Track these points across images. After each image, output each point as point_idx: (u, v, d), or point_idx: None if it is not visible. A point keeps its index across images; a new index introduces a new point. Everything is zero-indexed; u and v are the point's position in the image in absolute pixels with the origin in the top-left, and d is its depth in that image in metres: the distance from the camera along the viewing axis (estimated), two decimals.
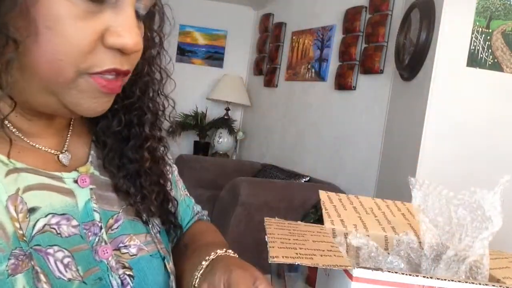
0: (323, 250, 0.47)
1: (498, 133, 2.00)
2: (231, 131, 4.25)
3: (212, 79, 4.44)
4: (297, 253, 0.45)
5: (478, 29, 1.96)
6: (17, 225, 0.46)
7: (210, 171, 3.53)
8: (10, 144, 0.48)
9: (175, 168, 0.75)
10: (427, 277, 0.42)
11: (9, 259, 0.44)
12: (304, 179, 2.98)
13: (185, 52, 4.50)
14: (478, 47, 1.96)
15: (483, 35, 1.96)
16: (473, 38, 1.96)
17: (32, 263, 0.46)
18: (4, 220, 0.46)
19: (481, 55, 1.96)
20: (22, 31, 0.42)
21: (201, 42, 4.52)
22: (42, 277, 0.46)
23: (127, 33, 0.45)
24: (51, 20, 0.42)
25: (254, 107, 4.30)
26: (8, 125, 0.50)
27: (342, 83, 2.97)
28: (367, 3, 2.82)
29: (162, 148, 0.65)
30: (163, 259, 0.60)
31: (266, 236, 0.50)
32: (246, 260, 0.57)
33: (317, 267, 0.52)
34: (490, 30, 1.96)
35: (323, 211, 0.65)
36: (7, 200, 0.46)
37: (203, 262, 0.56)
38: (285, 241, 0.49)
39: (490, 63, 1.97)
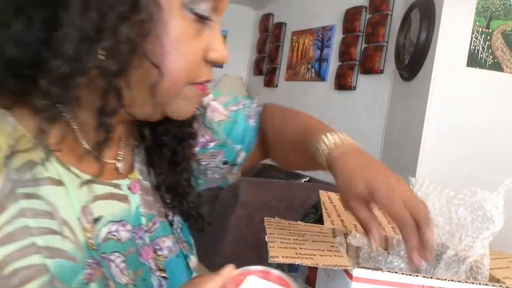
0: (323, 250, 0.47)
1: (498, 133, 2.00)
2: None
3: (212, 79, 4.44)
4: (297, 253, 0.45)
5: (478, 29, 1.96)
6: (88, 235, 0.48)
7: None
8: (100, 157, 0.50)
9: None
10: (427, 277, 0.42)
11: (84, 269, 0.47)
12: (304, 179, 2.98)
13: None
14: (478, 47, 1.96)
15: (483, 35, 1.96)
16: (473, 38, 1.96)
17: (102, 270, 0.48)
18: (77, 231, 0.47)
19: (481, 55, 1.96)
20: (154, 53, 0.46)
21: None
22: (110, 283, 0.48)
23: (223, 48, 0.51)
24: (175, 41, 0.46)
25: None
26: (80, 139, 0.51)
27: (342, 83, 2.97)
28: (367, 3, 2.82)
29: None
30: (185, 257, 0.62)
31: (266, 236, 0.50)
32: (246, 260, 0.57)
33: (317, 267, 0.52)
34: (490, 30, 1.96)
35: (323, 211, 0.65)
36: (80, 212, 0.48)
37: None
38: (285, 241, 0.49)
39: (490, 63, 1.97)
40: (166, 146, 0.61)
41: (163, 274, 0.57)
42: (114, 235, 0.51)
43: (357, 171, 0.53)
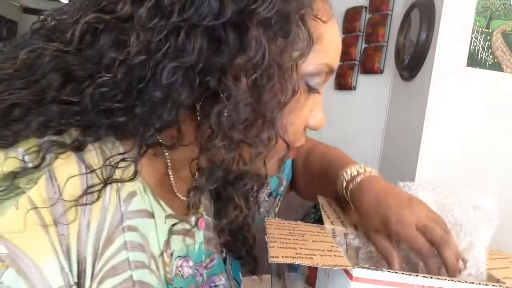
0: (323, 250, 0.47)
1: (498, 133, 2.00)
2: None
3: None
4: (297, 253, 0.45)
5: (478, 29, 1.96)
6: (167, 269, 0.49)
7: None
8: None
9: None
10: (427, 277, 0.42)
11: None
12: None
13: None
14: (478, 47, 1.96)
15: (483, 35, 1.96)
16: (473, 38, 1.96)
17: None
18: (160, 265, 0.48)
19: (481, 55, 1.96)
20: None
21: None
22: None
23: (322, 118, 0.51)
24: (289, 109, 0.46)
25: None
26: (170, 175, 0.51)
27: (342, 83, 2.97)
28: (367, 3, 2.82)
29: None
30: None
31: (266, 236, 0.50)
32: (246, 260, 0.57)
33: (317, 267, 0.52)
34: (490, 30, 1.96)
35: (322, 213, 0.65)
36: (163, 246, 0.48)
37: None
38: (285, 241, 0.49)
39: (490, 63, 1.97)
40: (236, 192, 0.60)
41: None
42: (179, 271, 0.51)
43: (371, 207, 0.55)
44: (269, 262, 0.43)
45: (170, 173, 0.51)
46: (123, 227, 0.44)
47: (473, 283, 0.43)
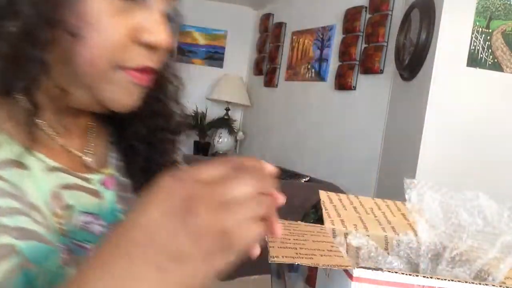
0: (323, 250, 0.47)
1: (498, 133, 2.00)
2: (231, 131, 4.25)
3: (212, 79, 4.44)
4: (297, 253, 0.45)
5: (478, 29, 1.96)
6: (59, 220, 0.47)
7: None
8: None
9: None
10: (427, 277, 0.42)
11: (57, 253, 0.46)
12: (304, 179, 2.98)
13: (185, 52, 4.50)
14: (478, 47, 1.96)
15: (483, 35, 1.96)
16: (473, 38, 1.96)
17: (75, 257, 0.47)
18: (48, 216, 0.47)
19: (481, 55, 1.96)
20: (70, 25, 0.44)
21: (201, 42, 4.52)
22: None
23: (159, 30, 0.47)
24: (92, 16, 0.44)
25: (254, 107, 4.30)
26: (42, 126, 0.50)
27: (342, 83, 2.97)
28: (367, 3, 2.82)
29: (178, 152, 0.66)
30: None
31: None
32: (246, 259, 0.57)
33: (317, 267, 0.52)
34: (490, 30, 1.96)
35: (323, 211, 0.65)
36: (49, 197, 0.47)
37: None
38: (285, 241, 0.49)
39: (490, 63, 1.97)
40: (137, 152, 0.59)
41: None
42: (87, 226, 0.50)
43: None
44: (269, 262, 0.43)
45: (42, 125, 0.50)
46: None
47: (473, 283, 0.43)
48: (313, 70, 3.39)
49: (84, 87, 0.48)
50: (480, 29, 1.96)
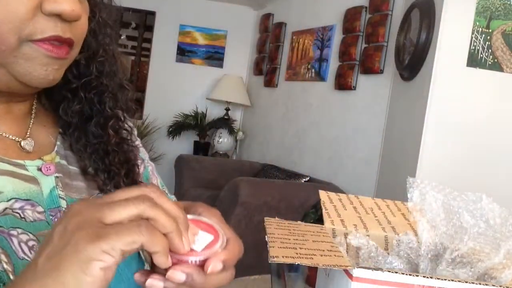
0: (323, 250, 0.47)
1: (498, 133, 2.00)
2: (231, 131, 4.25)
3: (212, 79, 4.44)
4: (297, 253, 0.45)
5: (478, 29, 1.96)
6: None
7: (210, 171, 3.53)
8: None
9: (149, 165, 0.73)
10: (427, 277, 0.42)
11: None
12: (304, 179, 2.98)
13: (185, 52, 4.50)
14: (478, 47, 1.96)
15: (483, 35, 1.96)
16: (473, 38, 1.96)
17: None
18: None
19: (481, 55, 1.96)
20: None
21: (201, 42, 4.52)
22: (3, 257, 0.46)
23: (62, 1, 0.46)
24: None
25: (254, 107, 4.30)
26: None
27: (342, 83, 2.97)
28: (367, 3, 2.82)
29: (126, 132, 0.65)
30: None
31: (266, 236, 0.50)
32: (246, 260, 0.57)
33: (317, 267, 0.52)
34: (490, 30, 1.96)
35: (323, 211, 0.65)
36: None
37: None
38: (285, 241, 0.49)
39: (490, 63, 1.97)
40: (75, 130, 0.59)
41: None
42: (16, 212, 0.50)
43: None
44: (269, 262, 0.42)
45: None
46: None
47: (473, 283, 0.43)
48: (313, 70, 3.39)
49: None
50: (480, 29, 1.96)
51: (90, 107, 0.60)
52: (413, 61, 2.16)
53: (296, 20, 3.69)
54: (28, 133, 0.56)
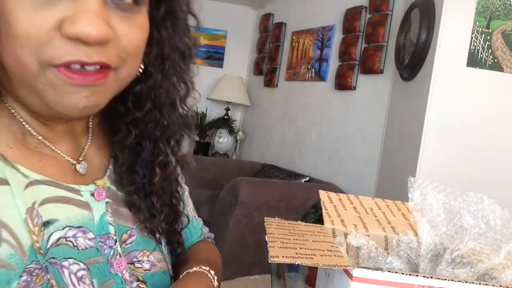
0: (323, 250, 0.47)
1: (498, 133, 2.00)
2: (231, 131, 4.25)
3: (212, 79, 4.44)
4: (297, 253, 0.45)
5: (478, 29, 1.96)
6: (34, 238, 0.46)
7: (210, 171, 3.53)
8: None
9: (186, 189, 0.74)
10: (427, 277, 0.42)
11: (20, 276, 0.44)
12: (304, 179, 2.98)
13: None
14: (478, 47, 1.96)
15: (483, 35, 1.96)
16: (473, 38, 1.96)
17: (48, 276, 0.46)
18: (22, 234, 0.45)
19: (481, 55, 1.96)
20: None
21: (201, 42, 4.52)
22: None
23: (83, 20, 0.41)
24: (7, 13, 0.41)
25: (254, 107, 4.29)
26: (30, 130, 0.50)
27: (342, 83, 2.97)
28: (367, 3, 2.82)
29: (176, 166, 0.65)
30: (171, 277, 0.61)
31: (266, 236, 0.50)
32: (246, 260, 0.57)
33: (317, 267, 0.52)
34: (490, 30, 1.96)
35: (323, 211, 0.65)
36: (26, 214, 0.46)
37: (180, 276, 0.58)
38: (285, 241, 0.49)
39: (490, 63, 1.97)
40: (121, 161, 0.58)
41: (142, 286, 0.56)
42: (69, 241, 0.49)
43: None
44: (269, 262, 0.42)
45: (32, 131, 0.49)
46: None
47: (473, 283, 0.43)
48: (313, 70, 3.39)
49: (29, 90, 0.45)
50: (480, 29, 1.95)
51: (141, 142, 0.59)
52: (413, 61, 2.16)
53: (296, 20, 3.69)
54: (83, 155, 0.55)
